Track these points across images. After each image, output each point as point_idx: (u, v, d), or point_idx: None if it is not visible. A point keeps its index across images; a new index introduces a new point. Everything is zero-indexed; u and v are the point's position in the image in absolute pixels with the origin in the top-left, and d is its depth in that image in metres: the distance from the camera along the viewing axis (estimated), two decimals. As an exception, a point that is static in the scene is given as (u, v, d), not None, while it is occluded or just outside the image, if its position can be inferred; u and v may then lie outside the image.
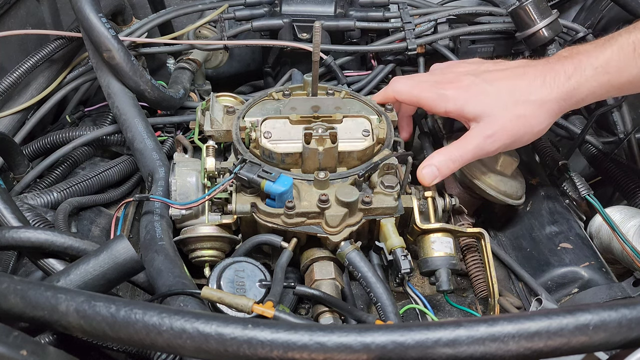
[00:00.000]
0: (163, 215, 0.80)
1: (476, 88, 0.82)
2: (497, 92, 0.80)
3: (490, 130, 0.80)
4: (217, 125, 0.89)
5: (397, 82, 0.90)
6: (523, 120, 0.79)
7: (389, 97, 0.92)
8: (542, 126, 0.80)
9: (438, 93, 0.84)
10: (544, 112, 0.79)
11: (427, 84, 0.87)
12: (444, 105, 0.83)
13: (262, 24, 1.17)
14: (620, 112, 1.17)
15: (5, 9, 1.11)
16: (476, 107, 0.80)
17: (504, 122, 0.79)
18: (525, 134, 0.80)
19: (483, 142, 0.80)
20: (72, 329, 0.48)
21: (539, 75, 0.79)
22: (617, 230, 0.88)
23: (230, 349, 0.44)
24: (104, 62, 0.93)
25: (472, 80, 0.83)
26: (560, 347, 0.44)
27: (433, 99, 0.85)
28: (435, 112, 0.87)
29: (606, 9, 1.26)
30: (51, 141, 1.03)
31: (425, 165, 0.83)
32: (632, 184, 1.05)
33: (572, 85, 0.77)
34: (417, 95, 0.87)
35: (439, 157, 0.83)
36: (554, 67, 0.79)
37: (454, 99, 0.82)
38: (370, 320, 0.70)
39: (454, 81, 0.85)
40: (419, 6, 1.21)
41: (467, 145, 0.82)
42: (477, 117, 0.81)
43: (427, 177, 0.82)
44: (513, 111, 0.79)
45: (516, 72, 0.82)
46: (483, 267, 0.87)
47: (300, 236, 0.81)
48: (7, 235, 0.63)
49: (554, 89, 0.77)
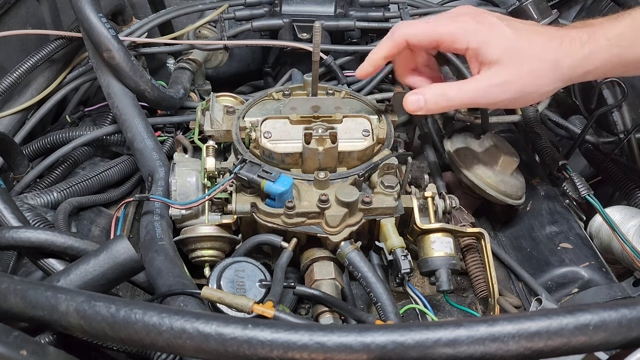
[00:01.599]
0: (163, 215, 0.80)
1: (499, 29, 0.75)
2: (518, 39, 0.75)
3: (499, 78, 0.75)
4: (217, 125, 0.89)
5: (404, 24, 0.80)
6: (534, 77, 0.75)
7: (398, 44, 0.80)
8: (549, 88, 0.76)
9: (459, 26, 0.76)
10: (555, 74, 0.75)
11: (443, 18, 0.79)
12: (466, 40, 0.75)
13: (262, 24, 1.17)
14: (620, 112, 1.17)
15: (5, 9, 1.11)
16: (495, 50, 0.74)
17: (515, 74, 0.75)
18: (532, 93, 0.76)
19: (488, 89, 0.75)
20: (72, 329, 0.48)
21: (556, 37, 0.75)
22: (617, 230, 0.88)
23: (230, 349, 0.44)
24: (104, 62, 0.93)
25: (495, 21, 0.76)
26: (560, 347, 0.44)
27: (454, 33, 0.76)
28: (456, 48, 0.77)
29: (606, 9, 1.26)
30: (51, 141, 1.04)
31: (414, 92, 0.78)
32: (632, 184, 1.05)
33: (584, 53, 0.74)
34: (433, 29, 0.77)
35: (431, 90, 0.78)
36: (569, 33, 0.75)
37: (475, 34, 0.75)
38: (370, 320, 0.70)
39: (475, 16, 0.77)
40: (419, 6, 1.21)
41: (467, 86, 0.77)
42: (492, 62, 0.75)
43: (411, 104, 0.78)
44: (527, 64, 0.74)
45: (535, 29, 0.77)
46: (483, 267, 0.87)
47: (300, 236, 0.81)
48: (7, 235, 0.63)
49: (569, 53, 0.74)
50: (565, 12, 1.38)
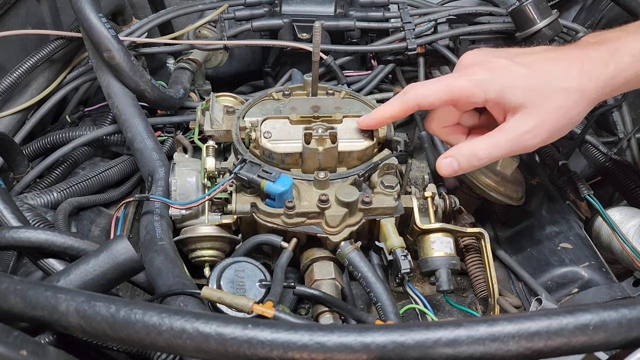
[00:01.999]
0: (163, 215, 0.80)
1: (512, 71, 0.71)
2: (535, 76, 0.70)
3: (528, 124, 0.70)
4: (217, 125, 0.89)
5: (415, 87, 0.75)
6: (563, 112, 0.70)
7: (411, 108, 0.75)
8: (580, 116, 0.72)
9: (471, 79, 0.72)
10: (583, 101, 0.70)
11: (452, 76, 0.74)
12: (483, 93, 0.71)
13: (262, 24, 1.17)
14: (620, 112, 1.17)
15: (5, 9, 1.11)
16: (516, 95, 0.70)
17: (544, 115, 0.70)
18: (564, 127, 0.72)
19: (520, 138, 0.71)
20: (72, 329, 0.48)
21: (575, 62, 0.70)
22: (617, 230, 0.88)
23: (230, 349, 0.44)
24: (104, 62, 0.93)
25: (505, 63, 0.72)
26: (560, 347, 0.44)
27: (468, 88, 0.72)
28: (472, 103, 0.73)
29: (606, 9, 1.26)
30: (51, 141, 1.04)
31: (446, 155, 0.75)
32: (632, 184, 1.05)
33: (609, 74, 0.70)
34: (445, 89, 0.73)
35: (461, 151, 0.74)
36: (588, 54, 0.71)
37: (490, 83, 0.71)
38: (370, 320, 0.70)
39: (483, 64, 0.73)
40: (419, 6, 1.21)
41: (498, 140, 0.72)
42: (516, 108, 0.71)
43: (444, 169, 0.75)
44: (553, 101, 0.70)
45: (546, 57, 0.73)
46: (483, 267, 0.87)
47: (300, 236, 0.81)
48: (7, 235, 0.63)
49: (593, 77, 0.70)
50: (565, 12, 1.38)
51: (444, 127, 0.81)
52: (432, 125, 0.82)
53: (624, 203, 1.08)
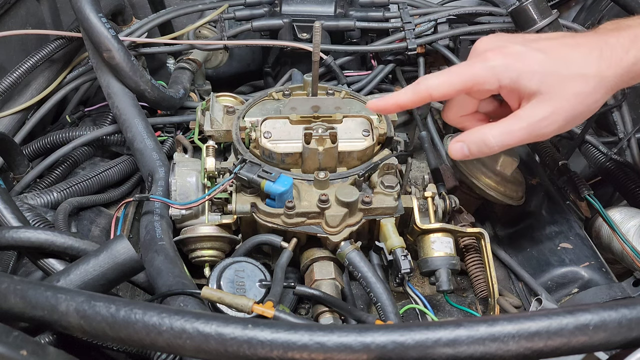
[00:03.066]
0: (163, 215, 0.80)
1: (528, 56, 0.69)
2: (552, 62, 0.68)
3: (545, 111, 0.68)
4: (217, 125, 0.89)
5: (427, 77, 0.73)
6: (581, 98, 0.68)
7: (422, 98, 0.74)
8: (597, 104, 0.69)
9: (485, 66, 0.69)
10: (602, 88, 0.68)
11: (465, 64, 0.72)
12: (496, 80, 0.69)
13: (262, 24, 1.17)
14: (620, 112, 1.17)
15: (5, 9, 1.11)
16: (532, 81, 0.68)
17: (560, 102, 0.68)
18: (581, 114, 0.69)
19: (536, 125, 0.69)
20: (72, 329, 0.48)
21: (594, 48, 0.68)
22: (617, 230, 0.89)
23: (230, 349, 0.45)
24: (104, 62, 0.93)
25: (521, 48, 0.69)
26: (560, 347, 0.44)
27: (481, 75, 0.69)
28: (486, 91, 0.72)
29: (606, 9, 1.26)
30: (51, 141, 1.04)
31: (458, 140, 0.73)
32: (632, 184, 1.05)
33: (630, 60, 0.67)
34: (458, 78, 0.71)
35: (471, 137, 0.72)
36: (607, 40, 0.68)
37: (505, 69, 0.68)
38: (370, 320, 0.70)
39: (497, 49, 0.70)
40: (419, 6, 1.21)
41: (512, 128, 0.70)
42: (531, 94, 0.68)
43: (455, 153, 0.73)
44: (570, 88, 0.67)
45: (565, 42, 0.70)
46: (483, 267, 0.87)
47: (300, 236, 0.81)
48: (7, 235, 0.63)
49: (612, 63, 0.67)
50: (565, 12, 1.38)
51: (461, 117, 0.79)
52: (450, 115, 0.80)
53: (624, 203, 1.08)
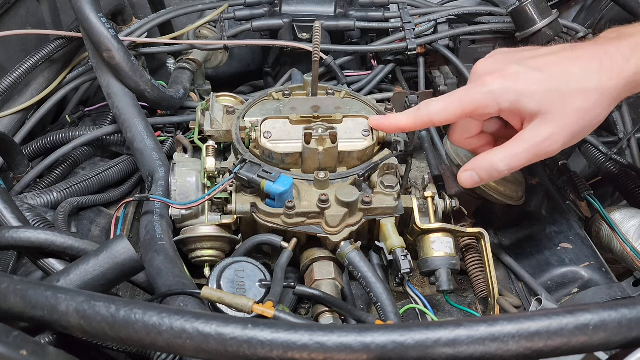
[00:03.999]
0: (163, 215, 0.80)
1: (526, 77, 0.68)
2: (551, 79, 0.68)
3: (547, 131, 0.68)
4: (217, 125, 0.89)
5: (428, 103, 0.74)
6: (582, 114, 0.68)
7: (424, 123, 0.75)
8: (601, 117, 0.69)
9: (484, 91, 0.69)
10: (604, 101, 0.67)
11: (465, 89, 0.72)
12: (496, 104, 0.69)
13: (262, 24, 1.17)
14: (620, 112, 1.17)
15: (5, 9, 1.11)
16: (532, 102, 0.68)
17: (562, 120, 0.68)
18: (584, 129, 0.69)
19: (538, 147, 0.69)
20: (72, 329, 0.48)
21: (593, 59, 0.67)
22: (617, 230, 0.89)
23: (230, 349, 0.45)
24: (104, 62, 0.93)
25: (519, 69, 0.69)
26: (560, 347, 0.44)
27: (479, 101, 0.70)
28: (489, 114, 0.71)
29: (606, 9, 1.26)
30: (51, 141, 1.04)
31: (466, 168, 0.74)
32: (632, 184, 1.05)
33: (632, 69, 0.66)
34: (457, 105, 0.71)
35: (478, 163, 0.73)
36: (607, 50, 0.68)
37: (504, 92, 0.68)
38: (370, 320, 0.70)
39: (495, 72, 0.70)
40: (419, 6, 1.21)
41: (516, 151, 0.70)
42: (534, 115, 0.68)
43: (466, 182, 0.75)
44: (571, 104, 0.67)
45: (565, 55, 0.70)
46: (483, 267, 0.87)
47: (300, 236, 0.81)
48: (7, 235, 0.63)
49: (614, 75, 0.67)
50: (565, 12, 1.38)
51: (467, 139, 0.80)
52: (455, 137, 0.80)
53: (624, 203, 1.08)
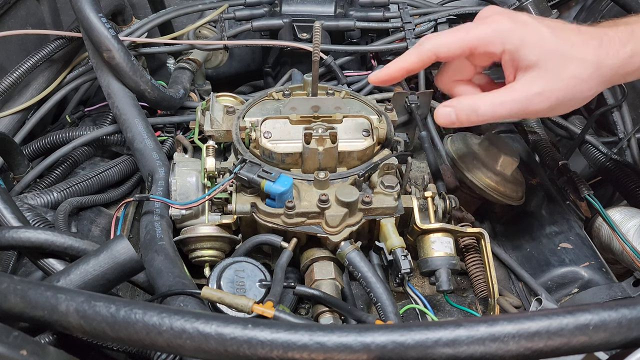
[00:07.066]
0: (163, 215, 0.80)
1: (534, 28, 0.68)
2: (556, 40, 0.67)
3: (538, 86, 0.67)
4: (217, 125, 0.89)
5: (431, 37, 0.72)
6: (576, 82, 0.67)
7: (427, 58, 0.72)
8: (591, 92, 0.69)
9: (492, 27, 0.68)
10: (597, 77, 0.68)
11: (471, 24, 0.71)
12: (501, 42, 0.68)
13: (262, 24, 1.17)
14: (620, 112, 1.17)
15: (5, 9, 1.11)
16: (533, 52, 0.67)
17: (556, 81, 0.67)
18: (573, 99, 0.69)
19: (525, 100, 0.68)
20: (72, 329, 0.48)
21: (594, 37, 0.68)
22: (617, 230, 0.89)
23: (230, 349, 0.45)
24: (104, 62, 0.93)
25: (528, 19, 0.69)
26: (560, 347, 0.44)
27: (487, 36, 0.68)
28: (490, 52, 0.70)
29: (606, 9, 1.26)
30: (51, 141, 1.04)
31: (446, 105, 0.72)
32: (632, 184, 1.05)
33: (627, 53, 0.67)
34: (463, 36, 0.69)
35: (461, 103, 0.71)
36: (607, 32, 0.69)
37: (511, 34, 0.68)
38: (370, 320, 0.70)
39: (506, 14, 0.69)
40: (419, 6, 1.21)
41: (504, 99, 0.69)
42: (529, 66, 0.68)
43: (441, 117, 0.72)
44: (568, 69, 0.67)
45: (569, 27, 0.70)
46: (483, 267, 0.87)
47: (300, 236, 0.81)
48: (7, 235, 0.63)
49: (610, 54, 0.67)
50: (565, 12, 1.38)
51: (454, 81, 0.78)
52: (444, 78, 0.78)
53: (624, 203, 1.08)
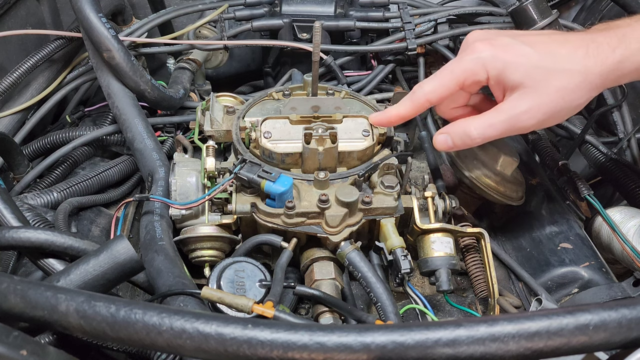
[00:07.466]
0: (163, 215, 0.80)
1: (515, 49, 0.70)
2: (539, 56, 0.69)
3: (525, 104, 0.70)
4: (217, 125, 0.89)
5: (422, 85, 0.76)
6: (563, 93, 0.69)
7: (422, 106, 0.77)
8: (581, 101, 0.71)
9: (473, 58, 0.71)
10: (586, 85, 0.69)
11: (454, 61, 0.74)
12: (484, 69, 0.71)
13: (262, 24, 1.17)
14: (620, 112, 1.17)
15: (5, 9, 1.11)
16: (516, 73, 0.69)
17: (542, 96, 0.69)
18: (562, 110, 0.71)
19: (515, 119, 0.70)
20: (72, 329, 0.48)
21: (581, 45, 0.69)
22: (617, 230, 0.88)
23: (230, 349, 0.45)
24: (104, 62, 0.93)
25: (509, 40, 0.71)
26: (560, 347, 0.44)
27: (470, 68, 0.72)
28: (478, 81, 0.73)
29: (606, 9, 1.26)
30: (51, 141, 1.04)
31: (442, 132, 0.76)
32: (632, 184, 1.05)
33: (616, 58, 0.68)
34: (449, 78, 0.73)
35: (454, 128, 0.75)
36: (595, 38, 0.70)
37: (492, 59, 0.71)
38: (370, 320, 0.70)
39: (485, 40, 0.72)
40: (419, 6, 1.21)
41: (492, 121, 0.72)
42: (514, 87, 0.70)
43: (440, 144, 0.76)
44: (554, 82, 0.69)
45: (555, 38, 0.72)
46: (483, 267, 0.87)
47: (300, 236, 0.81)
48: (7, 235, 0.63)
49: (598, 61, 0.68)
50: (565, 12, 1.38)
51: (452, 109, 0.82)
52: (442, 109, 0.82)
53: (624, 203, 1.08)
